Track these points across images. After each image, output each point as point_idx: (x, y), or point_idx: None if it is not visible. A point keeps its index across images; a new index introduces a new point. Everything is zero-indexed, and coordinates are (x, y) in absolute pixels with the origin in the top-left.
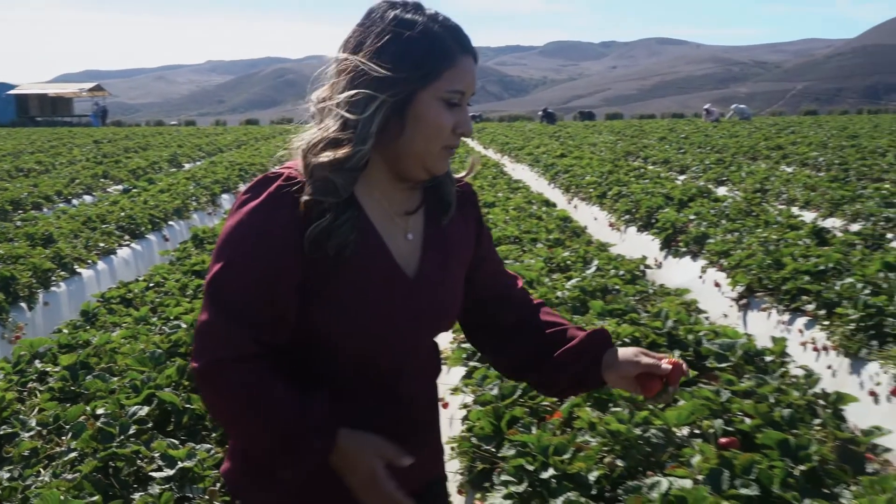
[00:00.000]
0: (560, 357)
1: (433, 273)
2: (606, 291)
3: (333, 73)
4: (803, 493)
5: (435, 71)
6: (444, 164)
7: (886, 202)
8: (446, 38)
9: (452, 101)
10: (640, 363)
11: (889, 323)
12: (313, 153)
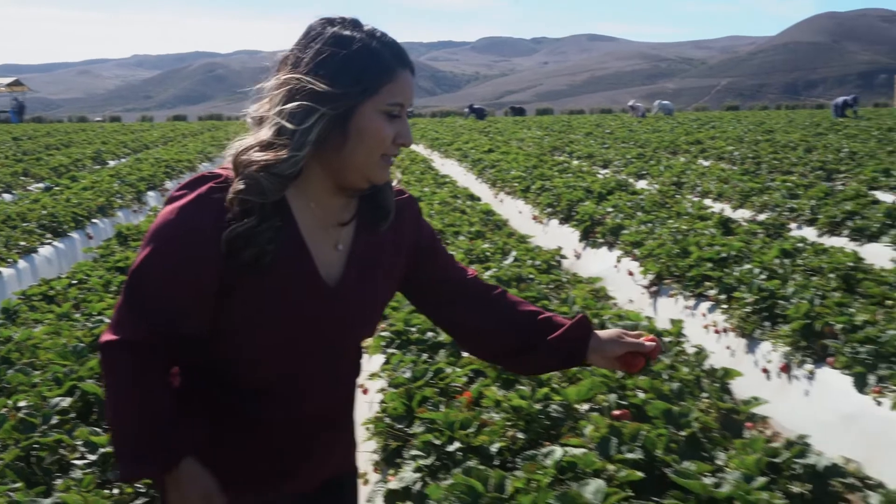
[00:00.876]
0: (552, 343)
1: (356, 283)
2: (521, 280)
3: (272, 87)
4: (683, 456)
5: (375, 86)
6: (384, 173)
7: (791, 194)
8: (384, 53)
9: (393, 114)
10: (624, 343)
11: (780, 305)
12: (245, 154)
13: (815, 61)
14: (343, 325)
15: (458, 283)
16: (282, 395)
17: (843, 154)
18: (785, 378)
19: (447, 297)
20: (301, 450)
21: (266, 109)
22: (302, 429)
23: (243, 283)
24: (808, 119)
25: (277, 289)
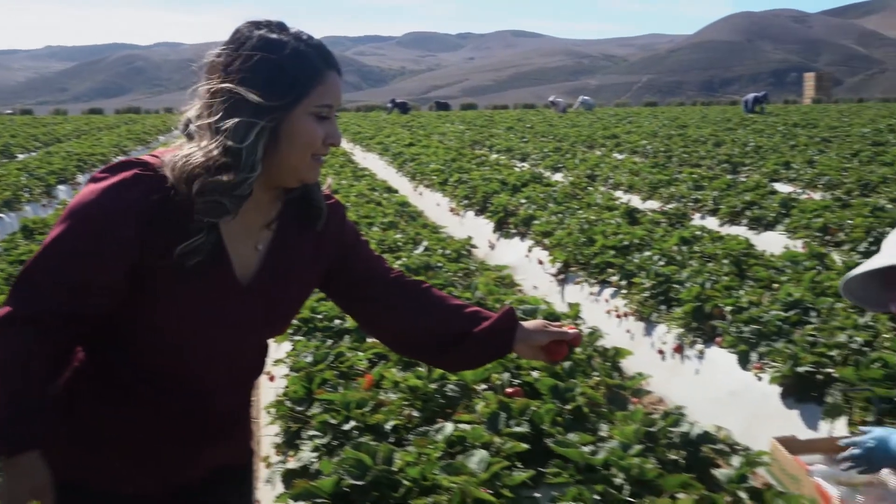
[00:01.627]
0: (479, 335)
1: (270, 284)
2: (429, 268)
3: (205, 93)
4: (569, 429)
5: (306, 90)
6: (315, 172)
7: (696, 185)
8: (313, 56)
9: (322, 115)
10: (549, 333)
11: (675, 289)
12: (199, 173)
13: (731, 60)
14: (254, 323)
15: (383, 281)
16: (188, 386)
17: (748, 148)
18: (678, 358)
19: (372, 296)
20: (204, 438)
21: (198, 116)
22: (206, 418)
23: (157, 277)
24: (721, 115)
25: (192, 286)
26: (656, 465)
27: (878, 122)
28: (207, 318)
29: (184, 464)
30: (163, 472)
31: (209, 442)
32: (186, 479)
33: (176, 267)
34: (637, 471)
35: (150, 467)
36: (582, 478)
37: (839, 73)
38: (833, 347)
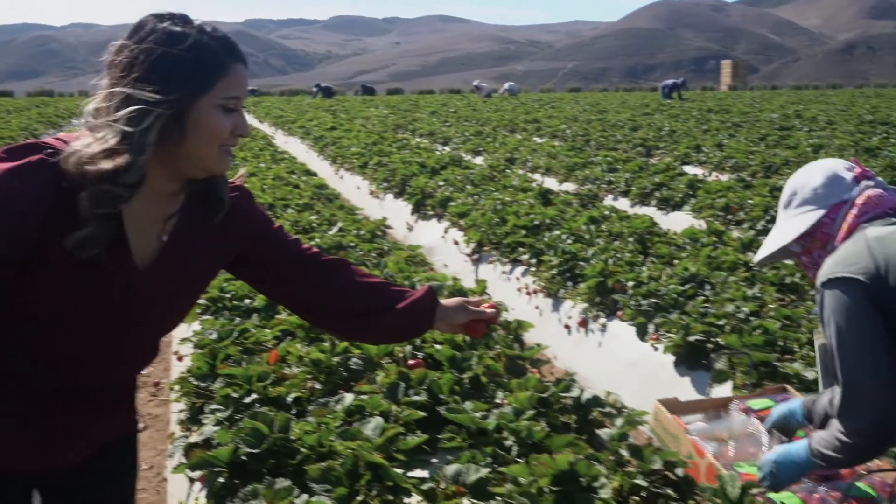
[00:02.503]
0: (400, 311)
1: (169, 274)
2: (342, 248)
3: (107, 85)
4: (466, 397)
5: (210, 82)
6: (223, 163)
7: (611, 168)
8: (217, 48)
9: (229, 107)
10: (468, 311)
11: (580, 266)
12: (91, 163)
13: (653, 47)
14: (149, 312)
15: (301, 263)
16: (81, 369)
17: (663, 132)
18: (583, 332)
19: (289, 278)
20: (92, 418)
21: (97, 110)
22: (96, 399)
23: (54, 263)
24: (640, 101)
25: (89, 274)
26: (545, 428)
27: (786, 108)
28: (104, 306)
29: (71, 442)
30: (49, 450)
31: (97, 420)
32: (74, 456)
33: (74, 255)
34: (526, 433)
35: (35, 446)
36: (474, 442)
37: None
38: (722, 317)
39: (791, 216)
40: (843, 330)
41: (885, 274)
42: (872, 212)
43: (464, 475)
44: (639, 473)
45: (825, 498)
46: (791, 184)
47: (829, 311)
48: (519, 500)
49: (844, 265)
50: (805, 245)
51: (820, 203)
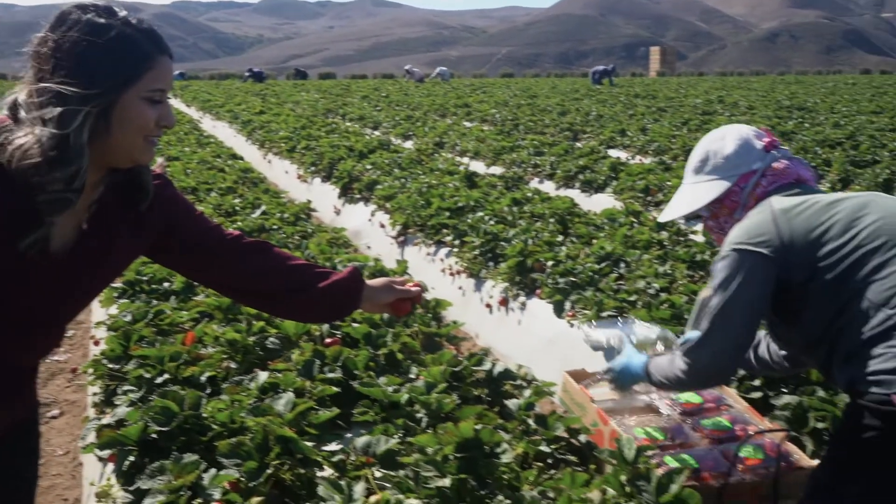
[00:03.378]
0: (324, 291)
1: (88, 262)
2: (264, 231)
3: (32, 78)
4: (382, 373)
5: (135, 75)
6: (149, 154)
7: (537, 151)
8: (142, 41)
9: (154, 99)
10: (394, 290)
11: (502, 247)
12: (38, 173)
13: (585, 33)
14: (63, 298)
15: (222, 247)
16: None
17: (591, 117)
18: (504, 310)
19: (210, 262)
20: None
21: (25, 103)
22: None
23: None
24: (571, 86)
25: (6, 260)
26: (456, 400)
27: (710, 94)
28: (18, 293)
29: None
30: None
31: (15, 399)
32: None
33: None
34: (436, 405)
35: None
36: (387, 415)
37: (684, 48)
38: (633, 293)
39: (701, 181)
40: (730, 291)
41: (788, 246)
42: (779, 181)
43: (374, 446)
44: (543, 440)
45: (718, 458)
46: (703, 148)
47: (725, 271)
48: (425, 468)
49: (749, 237)
50: (713, 211)
51: (731, 172)
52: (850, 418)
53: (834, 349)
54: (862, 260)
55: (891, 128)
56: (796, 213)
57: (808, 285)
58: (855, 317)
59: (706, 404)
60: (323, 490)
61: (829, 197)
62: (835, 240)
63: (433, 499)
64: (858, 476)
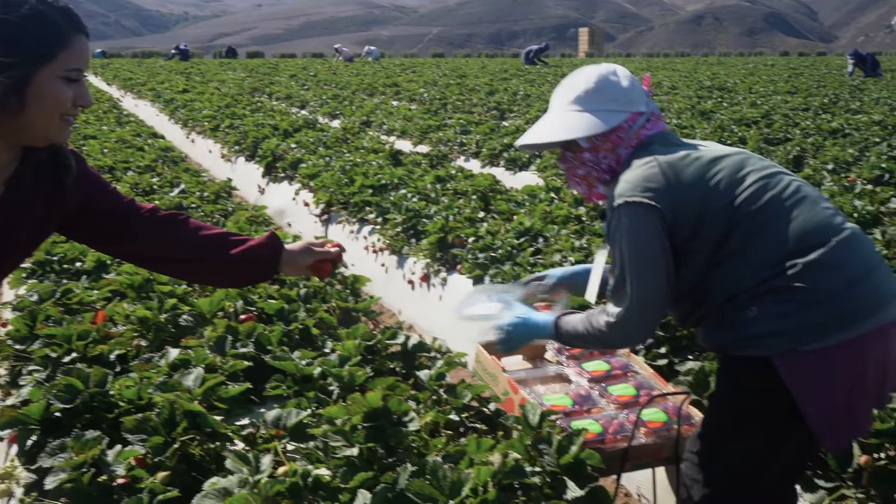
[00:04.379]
0: (242, 256)
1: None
2: (182, 209)
3: None
4: (296, 348)
5: (50, 53)
6: (64, 133)
7: (464, 130)
8: (57, 19)
9: (71, 78)
10: (313, 252)
11: (423, 223)
12: None
13: (516, 13)
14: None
15: (136, 220)
16: None
17: (518, 96)
18: (425, 286)
19: (125, 235)
20: None
21: None
22: None
23: None
24: (500, 66)
25: None
26: (369, 373)
27: (636, 74)
28: None
29: None
30: None
31: None
32: None
33: None
34: (349, 378)
35: None
36: (299, 389)
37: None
38: (549, 266)
39: (591, 109)
40: (636, 250)
41: (677, 200)
42: (657, 129)
43: (284, 419)
44: (453, 409)
45: (623, 422)
46: (591, 78)
47: (624, 231)
48: (334, 439)
49: (640, 189)
50: (596, 143)
51: (625, 107)
52: (730, 380)
53: (706, 307)
54: (744, 219)
55: (804, 107)
56: (682, 166)
57: (690, 241)
58: (731, 276)
59: (613, 371)
60: (230, 462)
61: (708, 153)
62: (720, 198)
63: (342, 468)
64: (744, 436)
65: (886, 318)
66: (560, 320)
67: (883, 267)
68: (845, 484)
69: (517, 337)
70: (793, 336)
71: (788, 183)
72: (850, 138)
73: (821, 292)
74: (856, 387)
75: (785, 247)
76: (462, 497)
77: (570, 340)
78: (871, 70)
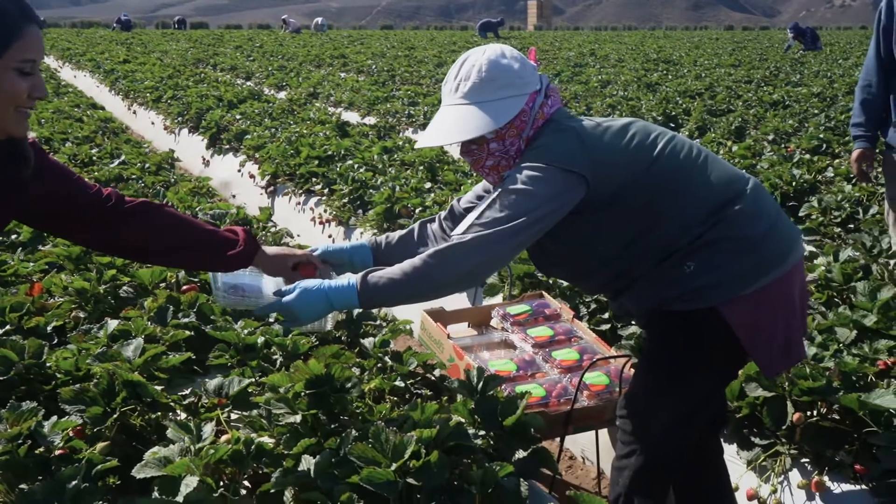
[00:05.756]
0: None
1: None
2: (122, 180)
3: None
4: (237, 318)
5: (4, 44)
6: (22, 125)
7: (412, 102)
8: (9, 9)
9: (25, 70)
10: (294, 256)
11: (370, 194)
12: None
13: None
14: None
15: (101, 209)
16: None
17: None
18: None
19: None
20: None
21: None
22: None
23: None
24: (449, 38)
25: None
26: (313, 341)
27: (583, 47)
28: None
29: None
30: None
31: None
32: None
33: None
34: (292, 347)
35: None
36: (242, 358)
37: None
38: None
39: (489, 99)
40: (529, 201)
41: (596, 167)
42: (553, 107)
43: (226, 388)
44: (398, 376)
45: (566, 386)
46: (483, 66)
47: (531, 181)
48: (277, 406)
49: (559, 157)
50: (500, 132)
51: (522, 90)
52: (669, 335)
53: (639, 270)
54: (664, 181)
55: (746, 80)
56: (597, 134)
57: (612, 208)
58: (662, 238)
59: (557, 337)
60: (171, 432)
61: (615, 122)
62: (639, 163)
63: (285, 435)
64: (681, 390)
65: (801, 252)
66: (368, 275)
67: (782, 209)
68: (779, 441)
69: (307, 308)
70: (733, 283)
71: (691, 144)
72: (791, 109)
73: (749, 239)
74: (789, 316)
75: (708, 202)
76: (405, 459)
77: (382, 295)
78: (810, 44)
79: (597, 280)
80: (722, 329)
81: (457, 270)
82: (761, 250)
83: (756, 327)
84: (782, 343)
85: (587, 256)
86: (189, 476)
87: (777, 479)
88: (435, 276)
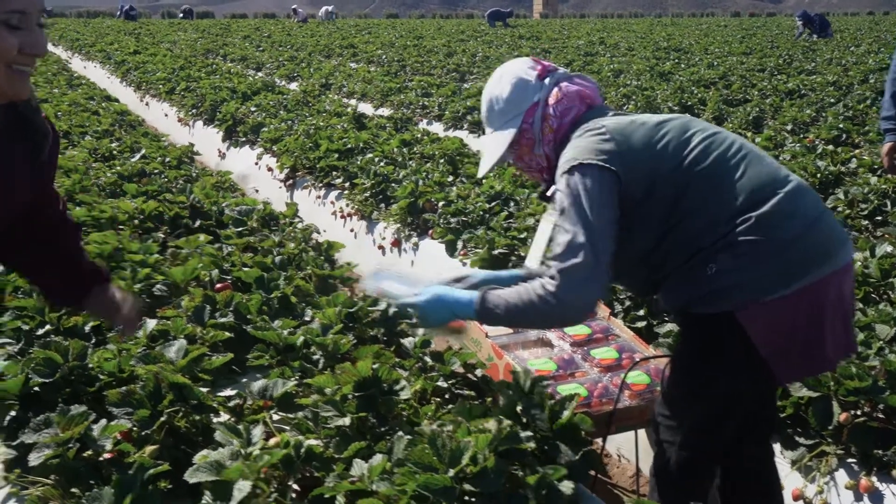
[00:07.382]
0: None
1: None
2: (144, 175)
3: None
4: (276, 316)
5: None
6: (20, 85)
7: (425, 93)
8: None
9: (12, 23)
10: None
11: (392, 188)
12: None
13: None
14: None
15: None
16: None
17: (477, 58)
18: (396, 252)
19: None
20: None
21: None
22: None
23: None
24: (456, 27)
25: None
26: (352, 341)
27: (592, 35)
28: None
29: None
30: None
31: None
32: None
33: None
34: (333, 346)
35: None
36: (283, 358)
37: None
38: (523, 231)
39: (495, 129)
40: (586, 207)
41: (628, 162)
42: (573, 105)
43: (270, 390)
44: (441, 376)
45: (608, 386)
46: (486, 98)
47: (581, 191)
48: (324, 409)
49: (590, 152)
50: (515, 152)
51: (514, 113)
52: (693, 338)
53: (666, 269)
54: (695, 180)
55: (759, 68)
56: (630, 130)
57: (643, 205)
58: (689, 237)
59: (595, 335)
60: (220, 435)
61: (653, 118)
62: (670, 160)
63: (333, 438)
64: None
65: (844, 259)
66: (487, 294)
67: (829, 212)
68: (825, 441)
69: (433, 314)
70: (754, 288)
71: (732, 141)
72: (807, 98)
73: (777, 241)
74: (816, 326)
75: (737, 202)
76: (462, 465)
77: (498, 317)
78: (819, 30)
79: (636, 277)
80: (739, 335)
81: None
82: (791, 253)
83: (774, 336)
84: (801, 352)
85: (625, 251)
86: (242, 480)
87: (823, 480)
88: (550, 312)
